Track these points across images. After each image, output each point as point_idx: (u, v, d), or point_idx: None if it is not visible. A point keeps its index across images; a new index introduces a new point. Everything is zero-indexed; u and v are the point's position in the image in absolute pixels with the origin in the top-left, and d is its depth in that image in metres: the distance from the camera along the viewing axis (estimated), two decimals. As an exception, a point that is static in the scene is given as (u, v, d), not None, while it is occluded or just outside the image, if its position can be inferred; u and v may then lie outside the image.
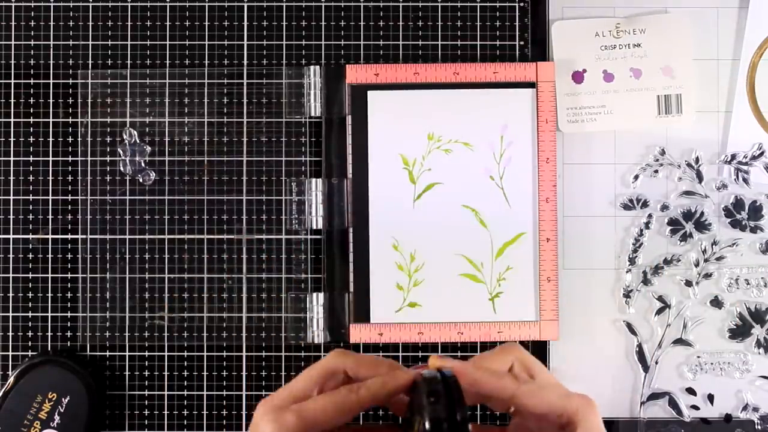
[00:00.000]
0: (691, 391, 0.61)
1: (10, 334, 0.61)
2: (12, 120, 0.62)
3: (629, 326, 0.61)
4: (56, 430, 0.58)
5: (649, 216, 0.62)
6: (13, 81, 0.62)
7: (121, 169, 0.61)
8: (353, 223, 0.61)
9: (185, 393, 0.61)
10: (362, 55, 0.62)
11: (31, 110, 0.62)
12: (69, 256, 0.61)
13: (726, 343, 0.61)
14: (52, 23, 0.62)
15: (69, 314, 0.61)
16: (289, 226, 0.62)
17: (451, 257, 0.61)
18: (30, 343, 0.61)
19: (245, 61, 0.62)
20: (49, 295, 0.61)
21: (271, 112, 0.62)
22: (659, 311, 0.61)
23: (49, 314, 0.61)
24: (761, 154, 0.61)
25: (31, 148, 0.61)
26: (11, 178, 0.61)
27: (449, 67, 0.61)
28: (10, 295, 0.61)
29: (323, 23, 0.62)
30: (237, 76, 0.62)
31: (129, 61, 0.62)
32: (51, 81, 0.62)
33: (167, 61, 0.62)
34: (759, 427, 0.61)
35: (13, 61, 0.62)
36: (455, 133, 0.61)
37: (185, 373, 0.61)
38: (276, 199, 0.61)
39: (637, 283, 0.61)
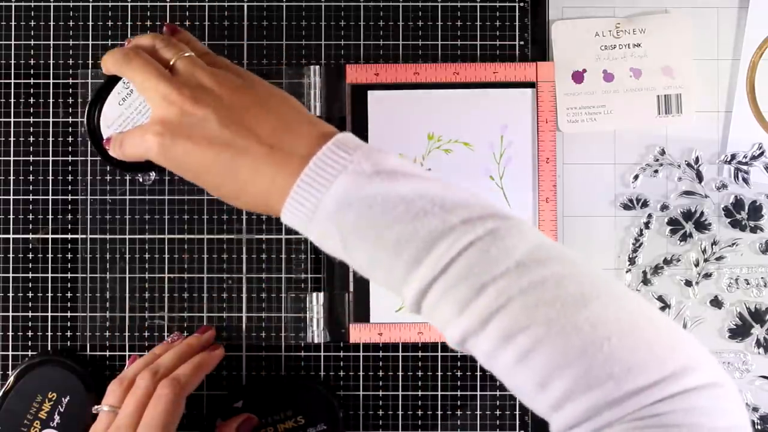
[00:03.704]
0: (691, 391, 0.61)
1: (10, 334, 0.61)
2: (12, 120, 0.62)
3: (629, 326, 0.61)
4: (56, 430, 0.58)
5: (649, 216, 0.62)
6: (13, 81, 0.62)
7: (121, 168, 0.61)
8: (353, 223, 0.61)
9: (185, 393, 0.61)
10: (362, 55, 0.62)
11: (31, 110, 0.62)
12: (69, 256, 0.61)
13: (726, 343, 0.61)
14: (52, 23, 0.62)
15: (69, 314, 0.61)
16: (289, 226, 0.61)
17: (451, 257, 0.61)
18: (30, 343, 0.61)
19: (245, 61, 0.62)
20: (49, 295, 0.61)
21: (271, 112, 0.62)
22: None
23: (49, 314, 0.61)
24: (761, 154, 0.61)
25: (31, 148, 0.61)
26: (11, 178, 0.61)
27: (449, 67, 0.61)
28: (10, 295, 0.61)
29: (323, 23, 0.62)
30: (237, 75, 0.62)
31: (129, 61, 0.62)
32: (51, 81, 0.62)
33: (167, 61, 0.62)
34: (759, 427, 0.61)
35: (13, 61, 0.62)
36: (455, 133, 0.61)
37: (185, 373, 0.61)
38: (276, 199, 0.61)
39: (637, 283, 0.61)
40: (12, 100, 0.62)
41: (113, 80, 0.52)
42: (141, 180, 0.61)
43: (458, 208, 0.39)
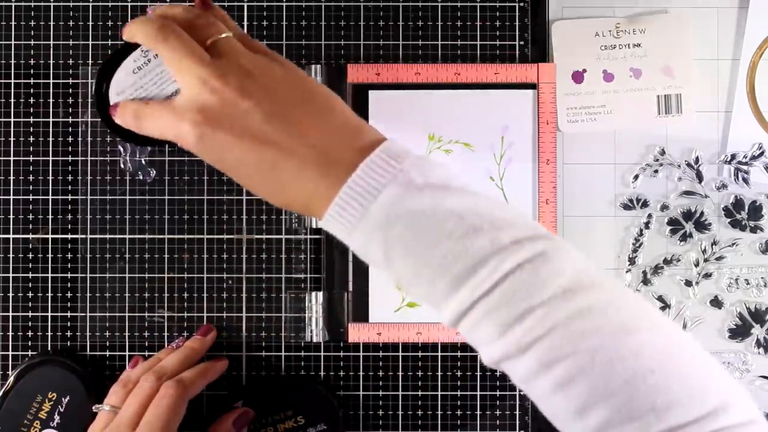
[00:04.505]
0: (690, 391, 0.61)
1: (10, 334, 0.61)
2: (12, 120, 0.61)
3: (629, 326, 0.61)
4: (56, 430, 0.58)
5: (649, 216, 0.62)
6: (13, 81, 0.62)
7: (122, 167, 0.61)
8: (353, 223, 0.61)
9: (185, 393, 0.61)
10: (362, 55, 0.62)
11: (31, 110, 0.61)
12: (69, 256, 0.61)
13: (726, 343, 0.61)
14: (52, 23, 0.62)
15: (69, 314, 0.61)
16: (288, 226, 0.62)
17: (451, 257, 0.61)
18: (30, 343, 0.61)
19: (245, 61, 0.62)
20: (49, 295, 0.61)
21: (271, 111, 0.61)
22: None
23: (49, 314, 0.61)
24: (761, 154, 0.61)
25: (31, 148, 0.61)
26: (11, 178, 0.61)
27: (450, 68, 0.61)
28: (10, 295, 0.61)
29: (323, 23, 0.62)
30: (237, 75, 0.61)
31: (129, 61, 0.62)
32: (51, 81, 0.62)
33: (167, 61, 0.62)
34: (759, 427, 0.61)
35: (13, 61, 0.62)
36: (456, 133, 0.61)
37: (185, 373, 0.61)
38: (276, 199, 0.61)
39: (637, 283, 0.61)
40: (12, 100, 0.62)
41: (131, 47, 0.49)
42: (141, 177, 0.61)
43: (508, 226, 0.38)
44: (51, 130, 0.61)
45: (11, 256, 0.61)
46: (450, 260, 0.38)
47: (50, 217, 0.61)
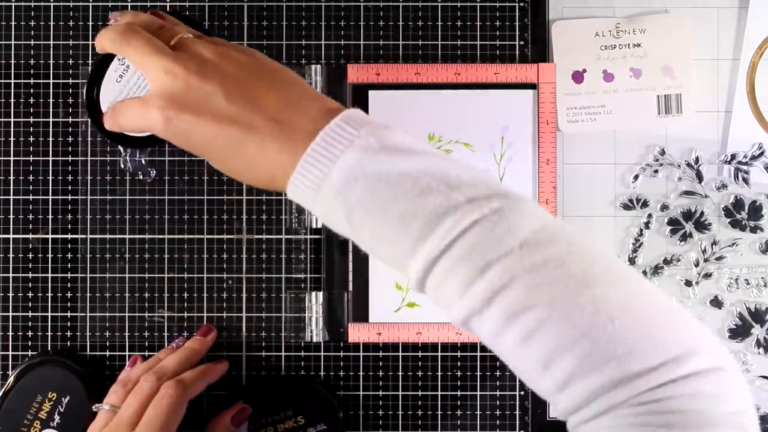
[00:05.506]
0: (690, 391, 0.61)
1: (10, 334, 0.61)
2: (12, 120, 0.61)
3: (629, 326, 0.61)
4: (56, 430, 0.58)
5: (649, 216, 0.62)
6: (13, 81, 0.62)
7: (122, 167, 0.61)
8: (353, 223, 0.61)
9: (185, 393, 0.61)
10: (362, 55, 0.62)
11: (31, 110, 0.62)
12: (69, 256, 0.61)
13: (726, 343, 0.61)
14: (52, 23, 0.62)
15: (69, 314, 0.61)
16: (288, 226, 0.62)
17: (451, 257, 0.61)
18: (30, 343, 0.61)
19: (245, 61, 0.62)
20: (49, 295, 0.61)
21: (271, 111, 0.61)
22: (659, 311, 0.61)
23: (49, 314, 0.61)
24: (761, 154, 0.61)
25: (31, 148, 0.61)
26: (11, 178, 0.61)
27: (450, 68, 0.61)
28: (10, 295, 0.61)
29: (323, 23, 0.62)
30: (237, 75, 0.61)
31: (129, 61, 0.62)
32: (51, 81, 0.62)
33: (167, 61, 0.62)
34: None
35: (13, 61, 0.62)
36: (456, 133, 0.61)
37: (185, 373, 0.61)
38: (276, 198, 0.61)
39: (636, 283, 0.61)
40: (12, 100, 0.62)
41: (108, 58, 0.51)
42: (141, 177, 0.61)
43: (464, 186, 0.39)
44: (51, 130, 0.61)
45: (11, 256, 0.61)
46: (407, 219, 0.39)
47: (50, 217, 0.61)
